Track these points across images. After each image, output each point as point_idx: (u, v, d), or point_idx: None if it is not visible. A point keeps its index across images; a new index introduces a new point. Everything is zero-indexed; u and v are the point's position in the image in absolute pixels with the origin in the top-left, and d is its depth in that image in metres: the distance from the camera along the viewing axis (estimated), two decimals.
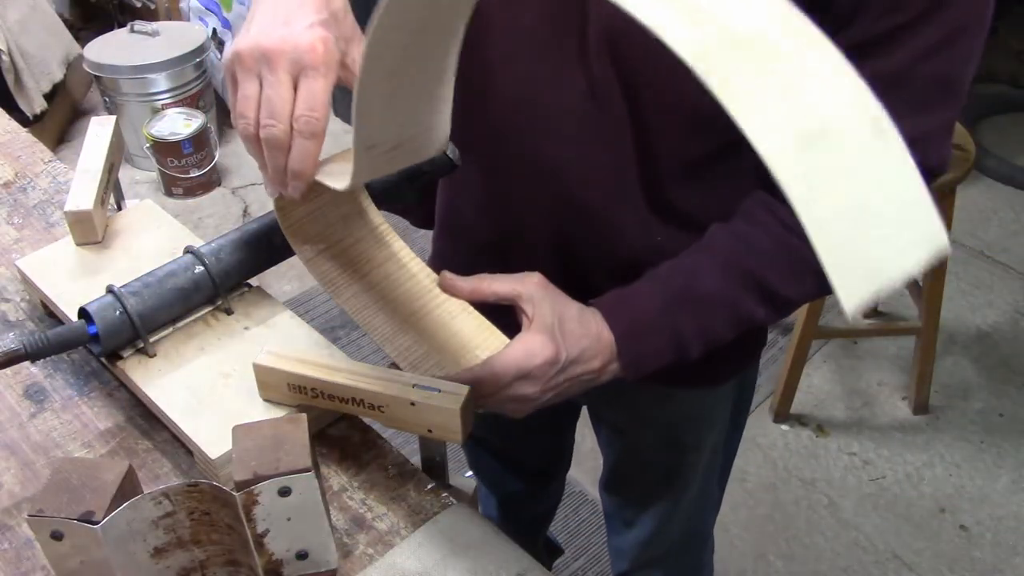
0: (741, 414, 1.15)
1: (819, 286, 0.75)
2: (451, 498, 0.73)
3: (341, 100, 3.17)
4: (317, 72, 0.59)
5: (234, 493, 0.59)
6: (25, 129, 1.19)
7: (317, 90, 0.59)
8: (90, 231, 0.89)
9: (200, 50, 2.85)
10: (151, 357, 0.78)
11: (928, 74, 0.68)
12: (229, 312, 0.82)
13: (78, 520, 0.58)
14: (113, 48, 2.82)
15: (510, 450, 1.37)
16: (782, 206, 0.75)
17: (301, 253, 0.77)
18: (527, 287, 0.74)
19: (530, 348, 0.70)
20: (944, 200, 1.87)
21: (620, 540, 1.28)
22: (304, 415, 0.65)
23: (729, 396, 1.08)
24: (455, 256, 0.99)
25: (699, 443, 1.09)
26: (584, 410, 1.28)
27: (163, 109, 2.80)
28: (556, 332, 0.72)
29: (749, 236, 0.76)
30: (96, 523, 0.58)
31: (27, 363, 0.79)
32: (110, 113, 2.88)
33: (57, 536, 0.59)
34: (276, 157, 0.62)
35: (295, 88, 0.60)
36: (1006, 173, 2.89)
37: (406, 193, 0.87)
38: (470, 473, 1.48)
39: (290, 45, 0.59)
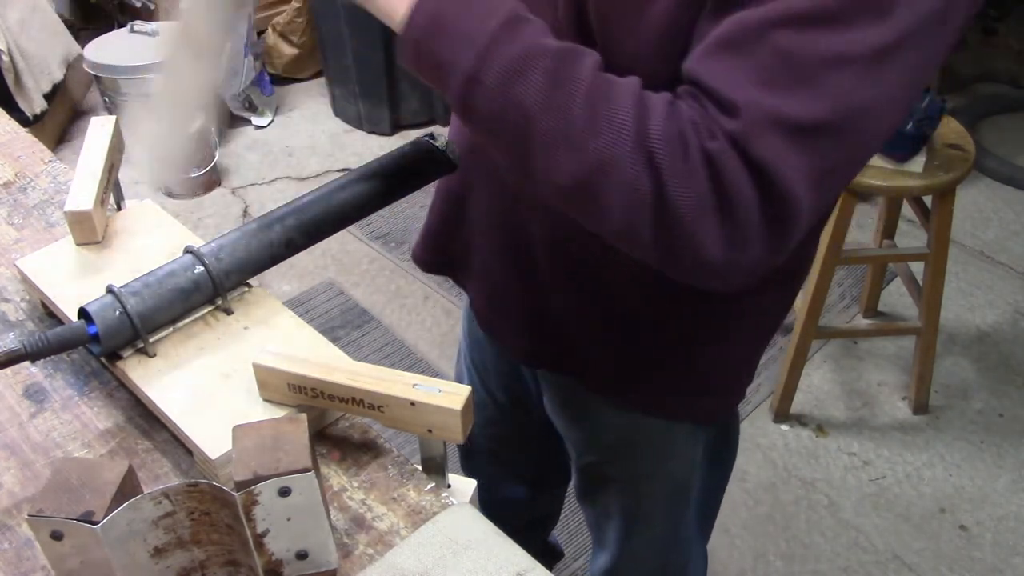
0: (721, 460, 1.14)
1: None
2: (451, 498, 0.73)
3: (341, 99, 3.17)
4: None
5: (234, 493, 0.59)
6: (25, 129, 1.19)
7: None
8: (90, 231, 0.89)
9: None
10: (151, 357, 0.78)
11: (775, 46, 0.59)
12: (229, 312, 0.82)
13: (78, 520, 0.58)
14: (113, 48, 2.82)
15: (508, 455, 1.36)
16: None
17: None
18: None
19: None
20: (944, 200, 1.87)
21: (596, 559, 1.28)
22: (304, 415, 0.65)
23: (697, 436, 1.06)
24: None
25: (653, 472, 1.08)
26: None
27: None
28: None
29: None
30: (96, 523, 0.58)
31: (27, 363, 0.79)
32: (110, 113, 2.88)
33: (57, 536, 0.59)
34: None
35: None
36: (1006, 173, 2.90)
37: (406, 191, 0.88)
38: None
39: None
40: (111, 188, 0.96)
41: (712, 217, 0.61)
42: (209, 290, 0.80)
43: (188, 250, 0.80)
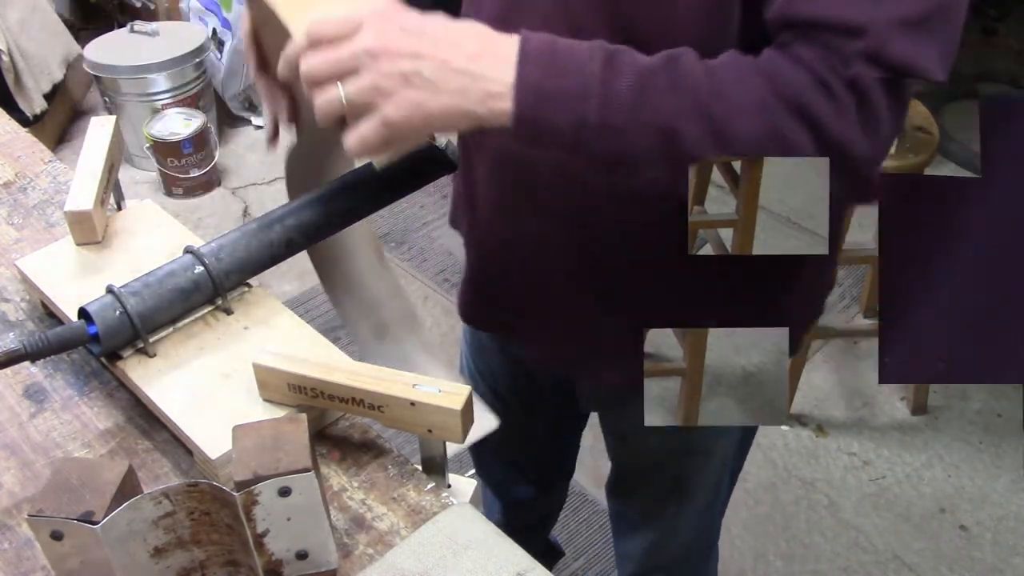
0: (749, 427, 1.14)
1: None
2: (451, 498, 0.73)
3: None
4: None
5: (234, 493, 0.59)
6: (25, 129, 1.19)
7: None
8: (90, 231, 0.89)
9: (200, 50, 2.85)
10: (151, 357, 0.78)
11: None
12: (229, 312, 0.82)
13: (78, 520, 0.58)
14: (113, 48, 2.82)
15: (513, 454, 1.36)
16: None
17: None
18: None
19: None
20: None
21: (626, 544, 1.28)
22: (304, 415, 0.65)
23: None
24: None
25: (708, 449, 1.09)
26: (592, 417, 1.28)
27: (163, 109, 2.80)
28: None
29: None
30: (96, 523, 0.58)
31: (27, 363, 0.79)
32: (110, 113, 2.88)
33: (57, 536, 0.59)
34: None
35: None
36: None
37: (406, 191, 0.88)
38: (472, 472, 1.49)
39: None
40: (111, 188, 0.96)
41: (861, 131, 0.65)
42: (209, 290, 0.80)
43: (188, 250, 0.80)
